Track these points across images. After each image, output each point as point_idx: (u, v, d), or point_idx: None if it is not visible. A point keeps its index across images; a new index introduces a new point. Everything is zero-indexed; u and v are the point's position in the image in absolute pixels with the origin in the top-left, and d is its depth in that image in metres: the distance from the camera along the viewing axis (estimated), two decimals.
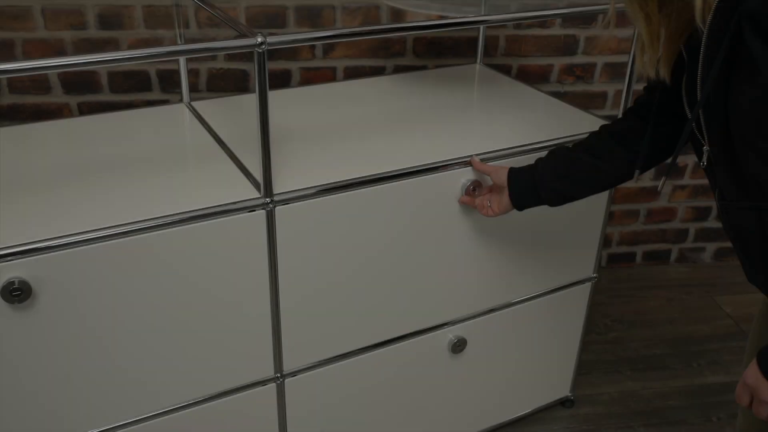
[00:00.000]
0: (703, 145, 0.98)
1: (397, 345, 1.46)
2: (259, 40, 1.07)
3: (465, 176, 1.35)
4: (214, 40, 1.80)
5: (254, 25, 1.82)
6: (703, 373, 2.01)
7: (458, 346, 1.51)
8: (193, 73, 1.84)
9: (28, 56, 1.75)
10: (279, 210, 1.20)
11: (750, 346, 1.19)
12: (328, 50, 1.91)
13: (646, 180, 2.33)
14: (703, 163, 1.00)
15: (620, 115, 1.29)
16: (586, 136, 1.28)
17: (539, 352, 1.70)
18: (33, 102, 1.81)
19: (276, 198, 1.19)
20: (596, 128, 1.27)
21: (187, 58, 1.62)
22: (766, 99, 0.82)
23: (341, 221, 1.27)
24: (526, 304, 1.59)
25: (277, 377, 1.33)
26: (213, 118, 1.50)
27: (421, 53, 1.98)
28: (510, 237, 1.48)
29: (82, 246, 1.06)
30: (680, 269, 2.50)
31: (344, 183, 1.25)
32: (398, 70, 1.98)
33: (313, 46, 1.89)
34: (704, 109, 0.93)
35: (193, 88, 1.85)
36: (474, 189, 1.35)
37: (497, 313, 1.56)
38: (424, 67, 1.98)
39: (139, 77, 1.83)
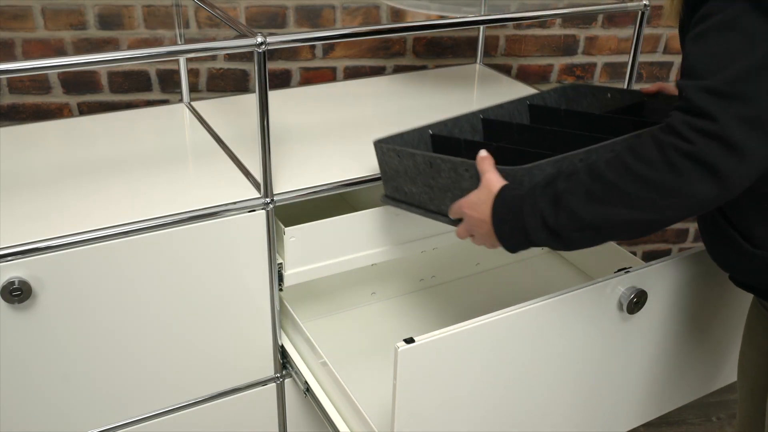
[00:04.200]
0: None
1: None
2: (259, 40, 1.07)
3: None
4: (214, 40, 1.80)
5: (254, 25, 1.82)
6: None
7: None
8: (193, 73, 1.84)
9: (28, 56, 1.75)
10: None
11: (742, 344, 1.20)
12: (328, 50, 1.91)
13: None
14: None
15: None
16: None
17: None
18: (33, 102, 1.81)
19: (276, 198, 1.19)
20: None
21: (187, 58, 1.62)
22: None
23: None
24: None
25: (277, 377, 1.33)
26: (213, 118, 1.50)
27: (421, 53, 1.98)
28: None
29: (82, 246, 1.06)
30: None
31: (344, 183, 1.25)
32: (398, 70, 1.98)
33: (313, 46, 1.89)
34: None
35: (193, 88, 1.85)
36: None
37: None
38: (424, 67, 1.98)
39: (139, 77, 1.83)
